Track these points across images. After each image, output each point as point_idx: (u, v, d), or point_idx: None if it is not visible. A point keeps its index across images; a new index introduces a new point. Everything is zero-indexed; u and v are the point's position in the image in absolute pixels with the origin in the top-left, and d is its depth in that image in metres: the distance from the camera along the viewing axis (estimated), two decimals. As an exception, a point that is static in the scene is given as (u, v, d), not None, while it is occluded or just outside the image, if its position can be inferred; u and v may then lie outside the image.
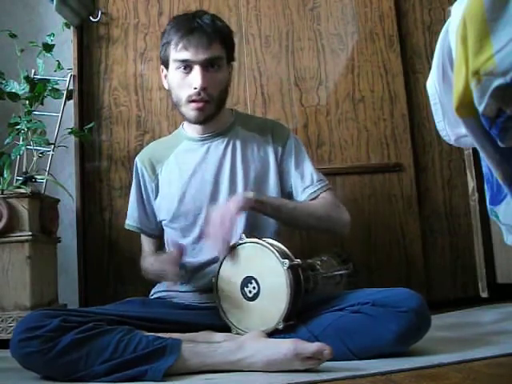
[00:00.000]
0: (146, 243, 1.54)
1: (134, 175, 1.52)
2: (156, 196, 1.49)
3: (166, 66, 1.43)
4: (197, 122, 1.42)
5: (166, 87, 1.47)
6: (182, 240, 1.43)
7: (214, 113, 1.42)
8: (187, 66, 1.36)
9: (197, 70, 1.35)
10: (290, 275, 1.17)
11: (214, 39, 1.37)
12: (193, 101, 1.37)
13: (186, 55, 1.35)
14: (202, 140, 1.47)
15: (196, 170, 1.44)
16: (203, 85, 1.35)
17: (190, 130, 1.50)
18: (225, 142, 1.46)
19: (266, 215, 1.36)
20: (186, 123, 1.52)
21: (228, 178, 1.41)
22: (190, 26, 1.36)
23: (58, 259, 1.85)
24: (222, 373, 1.07)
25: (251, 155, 1.45)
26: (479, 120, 0.68)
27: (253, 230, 1.33)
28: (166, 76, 1.46)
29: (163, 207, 1.46)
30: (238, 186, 1.41)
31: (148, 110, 2.07)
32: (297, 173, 1.45)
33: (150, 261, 1.49)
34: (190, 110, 1.39)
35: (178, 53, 1.36)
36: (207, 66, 1.36)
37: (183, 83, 1.38)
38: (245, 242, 1.25)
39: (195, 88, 1.35)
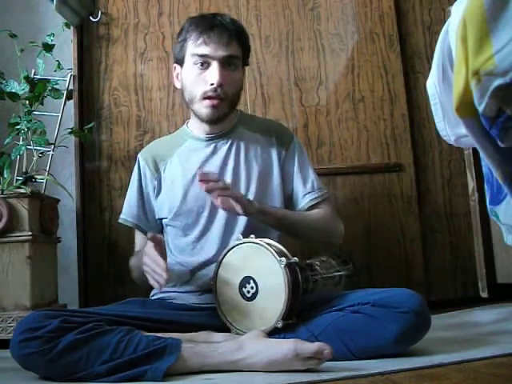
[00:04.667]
0: (139, 241, 1.51)
1: (135, 172, 1.51)
2: (157, 194, 1.47)
3: (181, 64, 1.42)
4: (209, 120, 1.40)
5: (178, 86, 1.46)
6: (182, 238, 1.42)
7: (226, 113, 1.41)
8: (205, 61, 1.36)
9: (215, 66, 1.35)
10: (288, 273, 1.18)
11: (234, 38, 1.37)
12: (208, 97, 1.36)
13: (206, 50, 1.35)
14: (208, 140, 1.46)
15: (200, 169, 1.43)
16: (221, 81, 1.34)
17: (196, 130, 1.48)
18: (229, 143, 1.45)
19: (267, 224, 1.37)
20: (191, 122, 1.51)
21: (231, 178, 1.41)
22: (211, 22, 1.37)
23: (58, 259, 1.85)
24: (222, 373, 1.07)
25: (254, 156, 1.45)
26: (479, 120, 0.68)
27: (252, 227, 1.33)
28: (178, 75, 1.45)
29: (165, 205, 1.45)
30: (240, 186, 1.41)
31: (148, 110, 2.07)
32: (299, 177, 1.46)
33: (135, 259, 1.46)
34: (203, 108, 1.38)
35: (198, 47, 1.36)
36: (225, 63, 1.36)
37: (199, 79, 1.37)
38: (242, 243, 1.25)
39: (212, 84, 1.34)
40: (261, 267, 1.22)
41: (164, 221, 1.46)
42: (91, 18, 2.09)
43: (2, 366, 1.25)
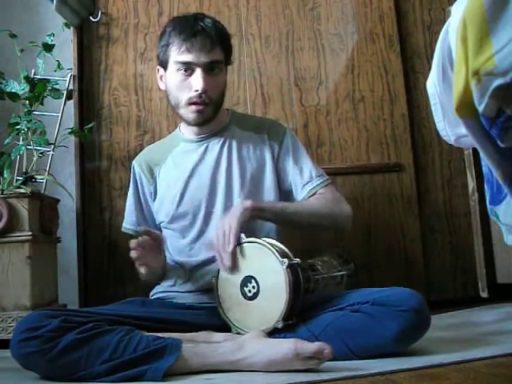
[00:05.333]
0: None
1: (131, 179, 1.54)
2: (154, 199, 1.49)
3: (165, 67, 1.43)
4: (195, 124, 1.43)
5: (162, 88, 1.47)
6: (180, 240, 1.43)
7: (212, 116, 1.43)
8: (188, 68, 1.36)
9: (198, 72, 1.36)
10: (289, 274, 1.18)
11: (216, 43, 1.37)
12: (193, 103, 1.38)
13: (189, 58, 1.35)
14: (199, 141, 1.48)
15: (193, 171, 1.44)
16: (205, 88, 1.35)
17: (187, 132, 1.50)
18: (221, 142, 1.46)
19: (267, 221, 1.37)
20: (182, 125, 1.53)
21: (224, 177, 1.42)
22: (193, 28, 1.36)
23: (58, 259, 1.85)
24: (222, 373, 1.07)
25: (247, 154, 1.45)
26: (479, 120, 0.68)
27: (250, 232, 1.33)
28: (161, 77, 1.46)
29: (162, 209, 1.46)
30: (234, 185, 1.41)
31: (148, 110, 2.08)
32: (295, 170, 1.45)
33: None
34: (189, 113, 1.40)
35: (181, 55, 1.36)
36: (208, 69, 1.37)
37: (183, 85, 1.38)
38: (244, 242, 1.25)
39: (196, 90, 1.36)
40: (262, 267, 1.21)
41: (162, 224, 1.48)
42: (91, 17, 2.09)
43: (2, 365, 1.25)
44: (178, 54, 1.37)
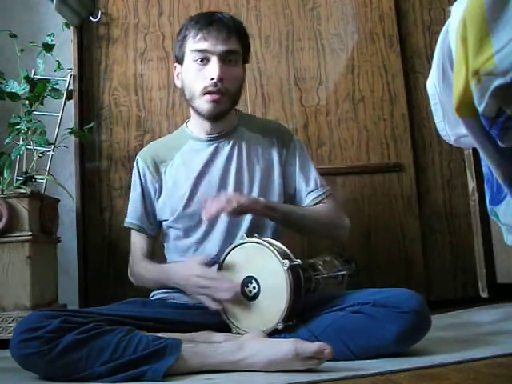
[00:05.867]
0: (140, 244, 1.48)
1: (135, 174, 1.49)
2: (159, 196, 1.46)
3: (181, 62, 1.42)
4: (210, 115, 1.40)
5: (179, 85, 1.46)
6: (184, 240, 1.42)
7: (227, 108, 1.41)
8: (204, 57, 1.36)
9: (214, 61, 1.35)
10: (290, 276, 1.17)
11: (233, 33, 1.37)
12: (208, 92, 1.36)
13: (205, 45, 1.35)
14: (209, 140, 1.45)
15: (203, 171, 1.42)
16: (220, 75, 1.34)
17: (197, 130, 1.48)
18: (231, 143, 1.45)
19: (274, 221, 1.37)
20: (191, 122, 1.50)
21: (234, 179, 1.41)
22: (210, 18, 1.38)
23: (58, 259, 1.85)
24: (222, 373, 1.07)
25: (256, 157, 1.45)
26: (479, 120, 0.68)
27: (255, 228, 1.34)
28: (178, 74, 1.45)
29: (167, 207, 1.44)
30: (243, 187, 1.41)
31: (148, 110, 2.07)
32: (301, 176, 1.46)
33: (145, 266, 1.44)
34: (204, 103, 1.38)
35: (197, 43, 1.36)
36: (224, 58, 1.36)
37: (199, 75, 1.37)
38: (246, 242, 1.25)
39: (212, 79, 1.34)
40: (263, 268, 1.21)
41: (165, 223, 1.46)
42: (91, 18, 2.09)
43: (2, 365, 1.25)
44: (194, 43, 1.37)
